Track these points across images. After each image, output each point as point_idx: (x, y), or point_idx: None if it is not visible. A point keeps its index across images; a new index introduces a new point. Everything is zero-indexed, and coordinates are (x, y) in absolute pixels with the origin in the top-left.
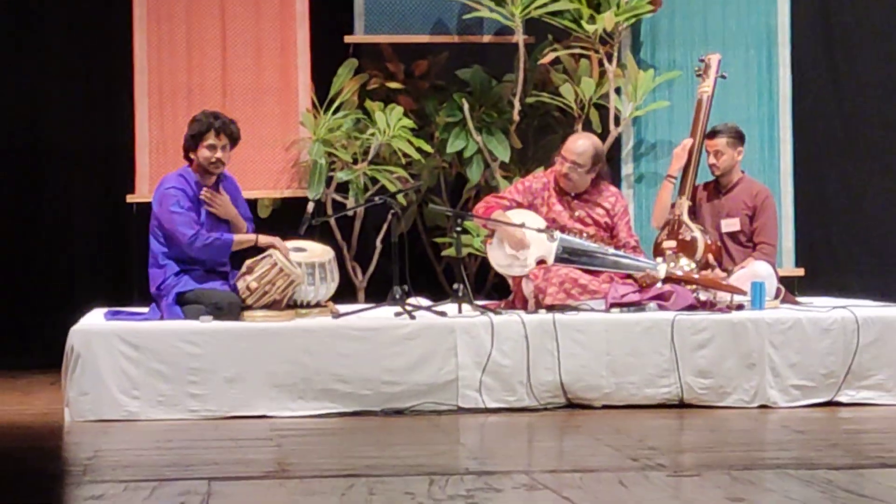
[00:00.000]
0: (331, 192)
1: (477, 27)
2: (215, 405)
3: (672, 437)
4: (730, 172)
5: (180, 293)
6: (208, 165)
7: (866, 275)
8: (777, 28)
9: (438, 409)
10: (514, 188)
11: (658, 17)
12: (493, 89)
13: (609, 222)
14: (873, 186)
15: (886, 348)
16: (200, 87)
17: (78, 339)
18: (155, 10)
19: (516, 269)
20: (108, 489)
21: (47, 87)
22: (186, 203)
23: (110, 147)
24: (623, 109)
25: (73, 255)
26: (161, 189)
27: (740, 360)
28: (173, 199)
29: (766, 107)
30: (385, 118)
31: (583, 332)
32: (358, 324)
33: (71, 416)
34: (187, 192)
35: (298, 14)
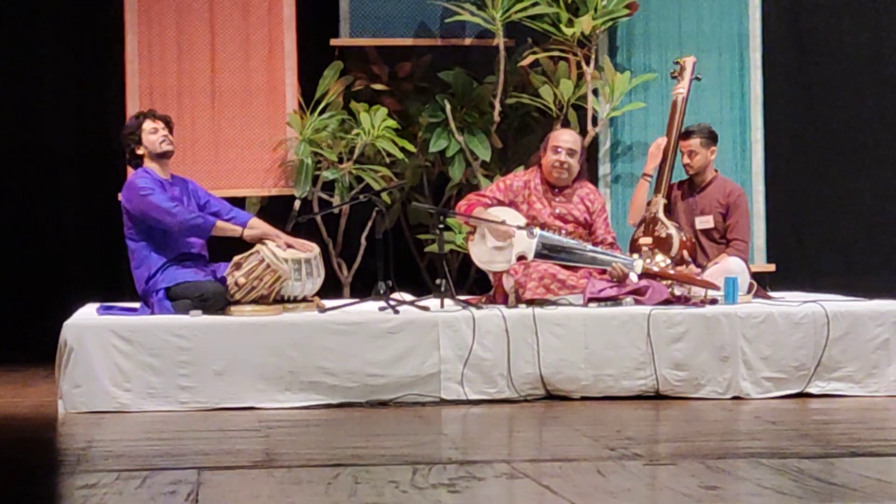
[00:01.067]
0: (317, 190)
1: (459, 30)
2: (205, 397)
3: (648, 427)
4: (703, 172)
5: (167, 288)
6: (159, 145)
7: (835, 271)
8: (749, 33)
9: (422, 400)
10: (495, 186)
11: (634, 21)
12: (475, 91)
13: (587, 219)
14: (841, 186)
15: (855, 342)
16: (190, 89)
17: (71, 334)
18: (146, 14)
19: (497, 265)
20: (100, 478)
21: (40, 89)
22: (157, 186)
23: (102, 147)
24: (600, 110)
25: (66, 252)
26: (128, 184)
27: (714, 353)
28: (142, 185)
29: (738, 109)
30: (370, 119)
31: (561, 325)
32: (343, 318)
33: (64, 408)
34: (155, 179)
35: (286, 18)
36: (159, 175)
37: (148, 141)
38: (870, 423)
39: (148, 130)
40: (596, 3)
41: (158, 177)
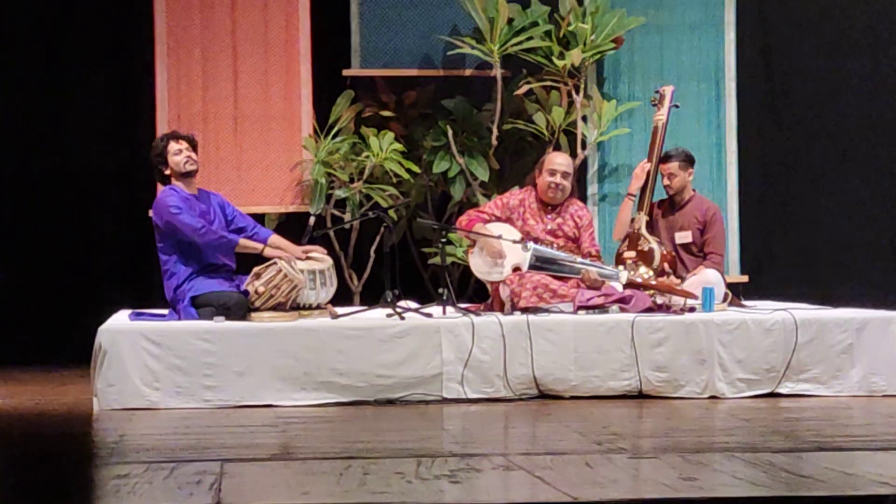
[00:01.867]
0: (330, 207)
1: (460, 62)
2: (227, 395)
3: (632, 424)
4: (682, 191)
5: (193, 297)
6: (184, 165)
7: (803, 281)
8: (724, 65)
9: (425, 399)
10: (492, 204)
11: (619, 54)
12: (474, 117)
13: (576, 234)
14: (808, 204)
15: (821, 346)
16: (215, 116)
17: (105, 338)
18: (175, 47)
19: (494, 276)
20: (132, 469)
21: (79, 115)
22: (185, 204)
23: (134, 168)
24: (589, 135)
25: (101, 264)
26: (158, 200)
27: (692, 357)
28: (171, 203)
29: (714, 134)
30: (378, 143)
31: (553, 331)
32: (354, 324)
33: (99, 406)
34: (183, 197)
35: (302, 51)
36: (186, 192)
37: (173, 161)
38: (834, 420)
39: (172, 152)
40: (585, 37)
41: (185, 193)
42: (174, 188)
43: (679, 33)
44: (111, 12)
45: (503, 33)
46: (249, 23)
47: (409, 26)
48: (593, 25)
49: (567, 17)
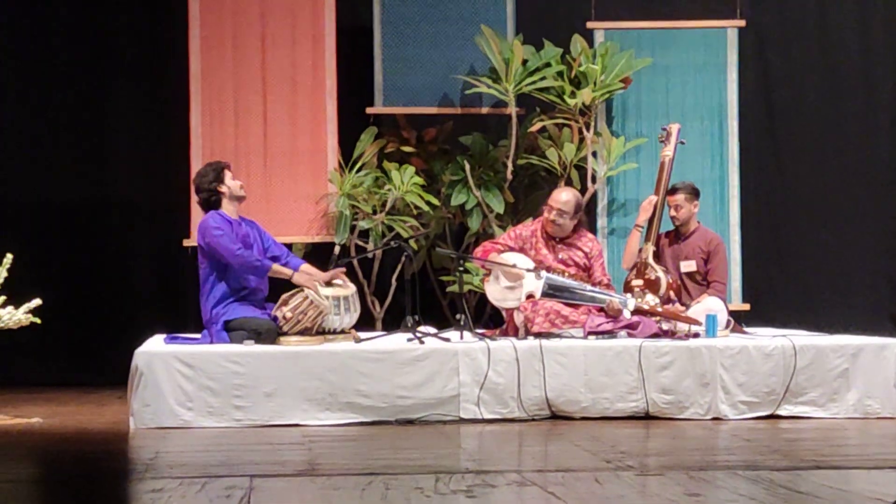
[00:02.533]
0: (354, 238)
1: (477, 101)
2: (256, 415)
3: (639, 443)
4: (687, 223)
5: (227, 321)
6: (238, 190)
7: (801, 309)
8: (727, 103)
9: (443, 419)
10: (507, 235)
11: (628, 93)
12: (490, 153)
13: (587, 263)
14: (807, 237)
15: (819, 371)
16: (245, 150)
17: (141, 360)
18: (208, 85)
19: (509, 303)
20: (166, 484)
21: (117, 148)
22: (226, 228)
23: (169, 200)
24: (598, 170)
25: (138, 291)
26: (202, 222)
27: (696, 380)
28: (214, 225)
29: (718, 169)
30: (400, 176)
31: (565, 355)
32: (376, 347)
33: (135, 424)
34: (225, 221)
35: (328, 89)
36: (230, 216)
37: (231, 185)
38: (832, 441)
39: (229, 176)
40: (595, 77)
41: (229, 217)
42: (220, 212)
43: (684, 74)
44: (149, 52)
45: (518, 73)
46: (279, 63)
47: (429, 67)
48: (603, 66)
49: (578, 58)
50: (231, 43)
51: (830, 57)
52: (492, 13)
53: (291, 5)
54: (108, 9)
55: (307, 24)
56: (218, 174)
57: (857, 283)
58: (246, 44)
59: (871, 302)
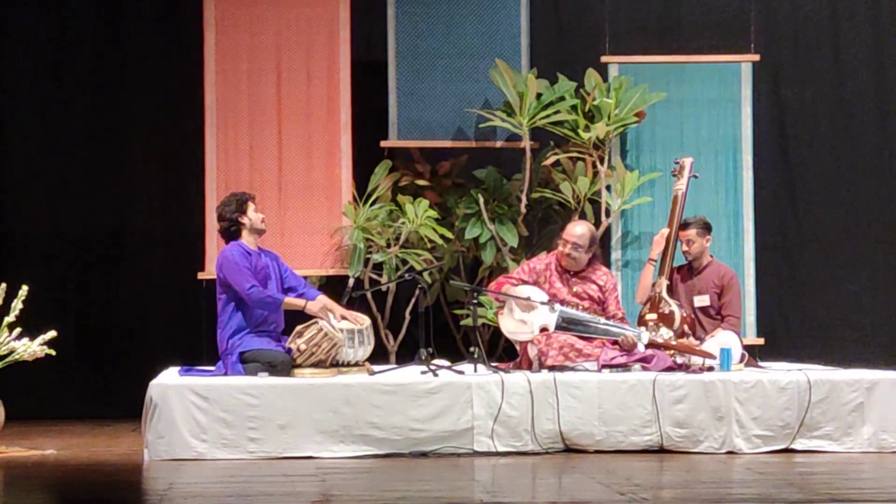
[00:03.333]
0: (368, 270)
1: (491, 134)
2: (270, 447)
3: (653, 476)
4: (700, 257)
5: (241, 353)
6: (259, 224)
7: (815, 345)
8: (741, 137)
9: (457, 452)
10: (521, 269)
11: (642, 127)
12: (504, 186)
13: (601, 297)
14: (820, 272)
15: (833, 405)
16: (260, 183)
17: (156, 392)
18: (223, 120)
19: (523, 336)
20: None
21: (132, 181)
22: (245, 262)
23: (184, 233)
24: (612, 204)
25: (153, 323)
26: (222, 254)
27: (711, 414)
28: (235, 256)
29: (732, 203)
30: (414, 210)
31: (578, 388)
32: (390, 380)
33: (149, 456)
34: (245, 252)
35: (342, 123)
36: (250, 247)
37: (253, 217)
38: (846, 474)
39: (252, 209)
40: (609, 111)
41: (248, 249)
42: (240, 243)
43: (698, 108)
44: (165, 84)
45: (532, 107)
46: (294, 96)
47: (443, 100)
48: (617, 100)
49: (592, 92)
50: (246, 76)
51: (845, 92)
52: (506, 47)
53: (307, 39)
54: (124, 42)
55: (322, 58)
56: (241, 205)
57: (872, 319)
58: (261, 77)
59: (886, 338)
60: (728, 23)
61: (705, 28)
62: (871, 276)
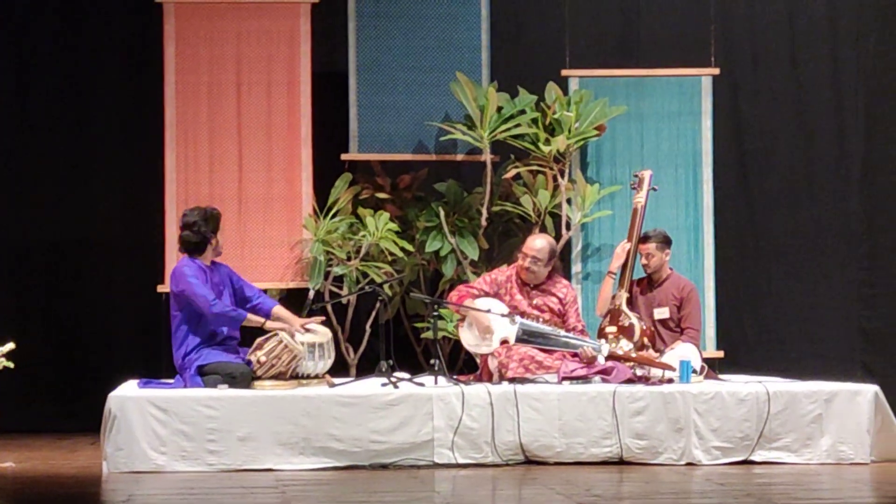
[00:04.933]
0: (328, 283)
1: (451, 148)
2: (230, 460)
3: (613, 487)
4: (659, 270)
5: (200, 366)
6: (220, 248)
7: (774, 357)
8: (701, 151)
9: (417, 464)
10: (482, 280)
11: (602, 140)
12: (465, 199)
13: (561, 309)
14: (779, 284)
15: (792, 416)
16: (220, 196)
17: (115, 404)
18: (183, 132)
19: (483, 349)
20: None
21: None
22: (201, 277)
23: (144, 246)
24: (573, 217)
25: (113, 335)
26: (176, 270)
27: (670, 425)
28: (190, 272)
29: (692, 216)
30: (374, 223)
31: (539, 400)
32: (350, 392)
33: (108, 468)
34: (199, 269)
35: (303, 136)
36: (203, 264)
37: (220, 241)
38: (805, 485)
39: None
40: (570, 125)
41: (203, 265)
42: (193, 259)
43: (658, 121)
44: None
45: (492, 120)
46: (254, 109)
47: (404, 113)
48: (577, 114)
49: (553, 105)
50: (206, 89)
51: (803, 106)
52: (467, 60)
53: (267, 52)
54: (85, 55)
55: (283, 71)
56: (216, 226)
57: (830, 332)
58: (221, 90)
59: (843, 351)
60: (688, 37)
61: (665, 42)
62: (829, 290)
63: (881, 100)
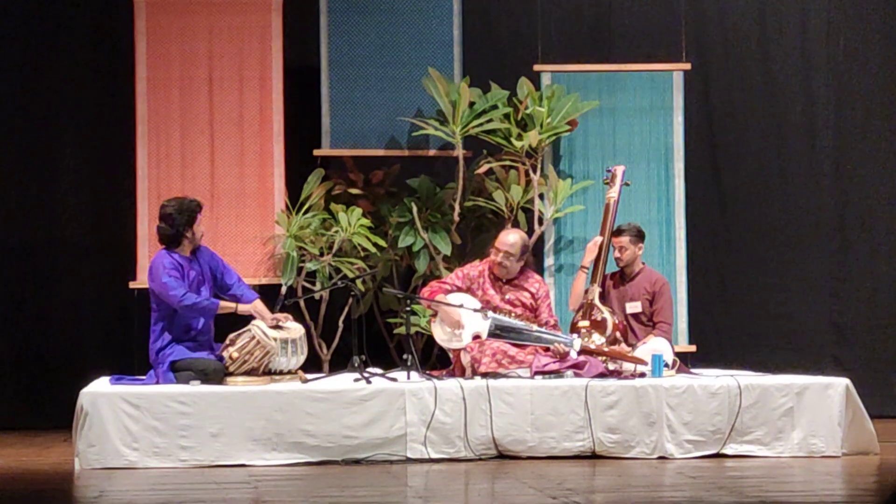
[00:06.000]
0: (301, 279)
1: (424, 143)
2: (202, 455)
3: (585, 481)
4: (632, 264)
5: (173, 362)
6: (199, 238)
7: (746, 352)
8: (673, 146)
9: (390, 459)
10: (454, 275)
11: (574, 135)
12: (437, 195)
13: (533, 304)
14: (749, 278)
15: (763, 410)
16: (192, 192)
17: (87, 400)
18: (154, 128)
19: (455, 343)
20: None
21: (63, 191)
22: (175, 272)
23: (115, 242)
24: (545, 212)
25: (84, 332)
26: (152, 265)
27: (642, 419)
28: (164, 268)
29: (664, 211)
30: (347, 218)
31: (511, 395)
32: (323, 387)
33: (80, 465)
34: (176, 263)
35: (275, 132)
36: (182, 256)
37: (197, 230)
38: (776, 478)
39: (198, 221)
40: (542, 120)
41: (180, 259)
42: (170, 252)
43: (630, 116)
44: (96, 93)
45: (464, 116)
46: (226, 105)
47: (377, 109)
48: (549, 109)
49: (525, 100)
50: (178, 84)
51: (774, 101)
52: (439, 56)
53: (239, 47)
54: (54, 50)
55: (255, 66)
56: (191, 218)
57: (801, 326)
58: (193, 86)
59: (815, 344)
60: (659, 32)
61: (637, 37)
62: (801, 283)
63: (852, 94)
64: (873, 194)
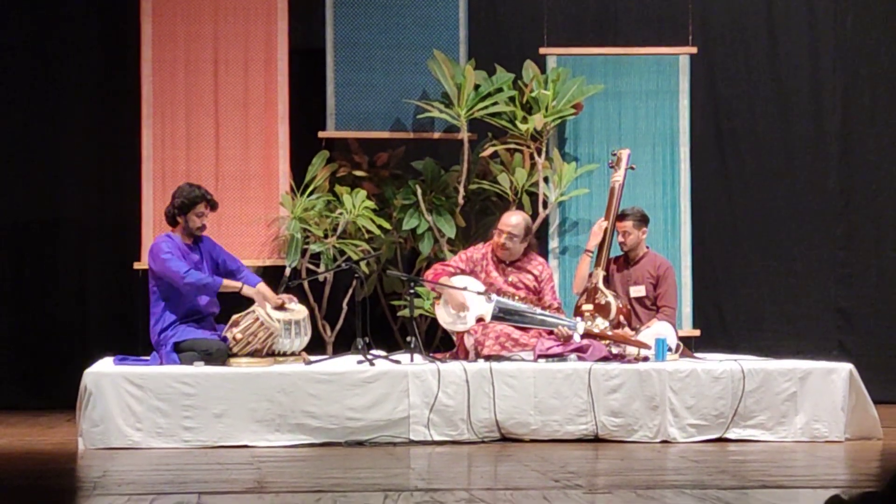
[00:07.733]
0: (305, 261)
1: (429, 126)
2: (205, 436)
3: (588, 464)
4: (636, 248)
5: (177, 342)
6: (195, 230)
7: (750, 336)
8: (679, 130)
9: (393, 441)
10: (458, 258)
11: (580, 119)
12: (442, 177)
13: (537, 287)
14: (754, 262)
15: (766, 394)
16: (197, 173)
17: (91, 381)
18: (160, 109)
19: (459, 326)
20: (113, 500)
21: (67, 171)
22: (176, 252)
23: (120, 223)
24: (550, 195)
25: (88, 313)
26: (153, 246)
27: (646, 403)
28: (164, 249)
29: (669, 195)
30: (351, 200)
31: (514, 378)
32: (326, 369)
33: (84, 445)
34: (176, 246)
35: (280, 113)
36: (181, 241)
37: (192, 220)
38: (779, 462)
39: (197, 212)
40: (547, 103)
41: (180, 242)
42: (170, 235)
43: (636, 100)
44: (101, 74)
45: (470, 98)
46: (231, 86)
47: (382, 91)
48: (555, 92)
49: (530, 84)
50: (183, 66)
51: (780, 85)
52: (444, 38)
53: (244, 29)
54: (60, 31)
55: (260, 48)
56: (188, 207)
57: (806, 311)
58: (198, 67)
59: (819, 330)
60: (666, 15)
61: (643, 20)
62: (806, 269)
63: (859, 78)
64: (880, 179)
